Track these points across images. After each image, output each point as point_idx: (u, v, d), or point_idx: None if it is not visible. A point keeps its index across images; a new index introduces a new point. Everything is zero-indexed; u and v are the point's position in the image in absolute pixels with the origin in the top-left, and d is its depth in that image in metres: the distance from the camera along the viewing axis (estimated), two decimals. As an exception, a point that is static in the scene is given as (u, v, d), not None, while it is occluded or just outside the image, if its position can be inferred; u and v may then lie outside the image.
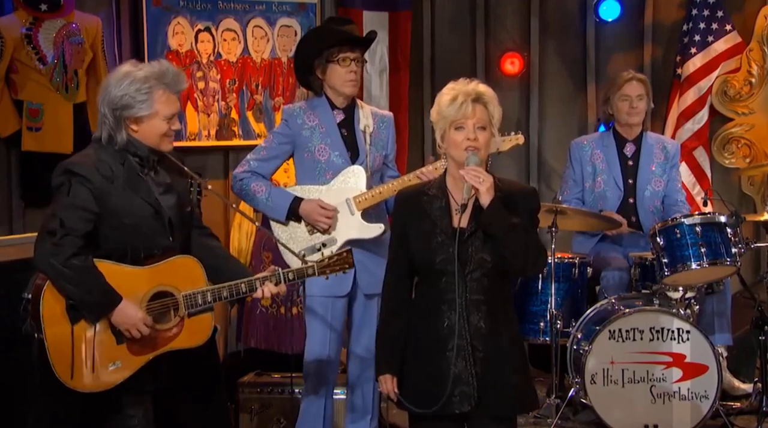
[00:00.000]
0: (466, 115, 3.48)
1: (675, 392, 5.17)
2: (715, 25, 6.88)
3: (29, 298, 3.77)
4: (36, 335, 3.73)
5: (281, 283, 3.97)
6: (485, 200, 3.44)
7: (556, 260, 5.47)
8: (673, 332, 5.17)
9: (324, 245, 4.61)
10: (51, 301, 3.70)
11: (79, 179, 3.72)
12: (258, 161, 4.74)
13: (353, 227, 4.66)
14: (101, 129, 3.82)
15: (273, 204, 4.68)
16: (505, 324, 3.56)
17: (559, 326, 5.44)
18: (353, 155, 4.72)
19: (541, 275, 5.47)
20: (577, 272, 5.63)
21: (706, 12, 6.87)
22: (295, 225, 4.69)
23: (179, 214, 3.92)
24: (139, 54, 5.77)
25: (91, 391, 3.75)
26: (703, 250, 5.20)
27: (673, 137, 6.78)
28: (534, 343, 5.61)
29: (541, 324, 5.54)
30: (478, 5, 7.17)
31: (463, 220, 3.50)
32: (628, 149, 5.90)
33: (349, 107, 4.76)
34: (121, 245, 3.79)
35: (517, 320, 3.72)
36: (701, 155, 6.95)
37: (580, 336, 5.35)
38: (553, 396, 5.45)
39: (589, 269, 5.71)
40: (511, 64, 7.15)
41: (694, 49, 6.88)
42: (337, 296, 4.67)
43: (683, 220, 5.29)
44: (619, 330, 5.17)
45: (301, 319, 5.01)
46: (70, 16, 5.50)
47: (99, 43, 5.61)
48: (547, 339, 5.51)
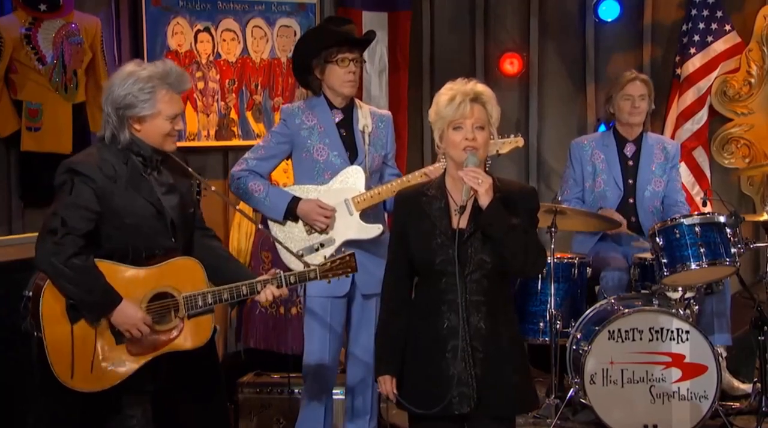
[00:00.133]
0: (465, 115, 3.47)
1: (674, 392, 5.16)
2: (714, 26, 6.88)
3: (29, 296, 3.77)
4: (35, 333, 3.73)
5: (283, 286, 3.98)
6: (484, 201, 3.43)
7: (556, 260, 5.46)
8: (672, 332, 5.17)
9: (322, 246, 4.61)
10: (51, 300, 3.70)
11: (81, 178, 3.72)
12: (256, 160, 4.72)
13: (352, 227, 4.64)
14: (105, 128, 3.82)
15: (271, 204, 4.65)
16: (505, 325, 3.55)
17: (558, 326, 5.44)
18: (352, 155, 4.70)
19: (540, 275, 5.45)
20: (576, 272, 5.63)
21: (706, 12, 6.87)
22: (292, 225, 4.67)
23: (182, 214, 3.92)
24: (139, 54, 5.78)
25: (90, 391, 3.75)
26: (702, 250, 5.20)
27: (673, 137, 6.78)
28: (533, 343, 5.61)
29: (541, 324, 5.54)
30: (478, 5, 7.17)
31: (462, 221, 3.49)
32: (629, 149, 5.90)
33: (347, 107, 4.75)
34: (123, 245, 3.79)
35: (517, 320, 3.71)
36: (700, 155, 6.95)
37: (579, 336, 5.35)
38: (553, 397, 5.46)
39: (589, 270, 5.70)
40: (511, 65, 7.15)
41: (693, 50, 6.88)
42: (336, 296, 4.65)
43: (682, 220, 5.28)
44: (619, 330, 5.16)
45: (301, 319, 5.01)
46: (70, 16, 5.50)
47: (98, 44, 5.62)
48: (547, 339, 5.50)
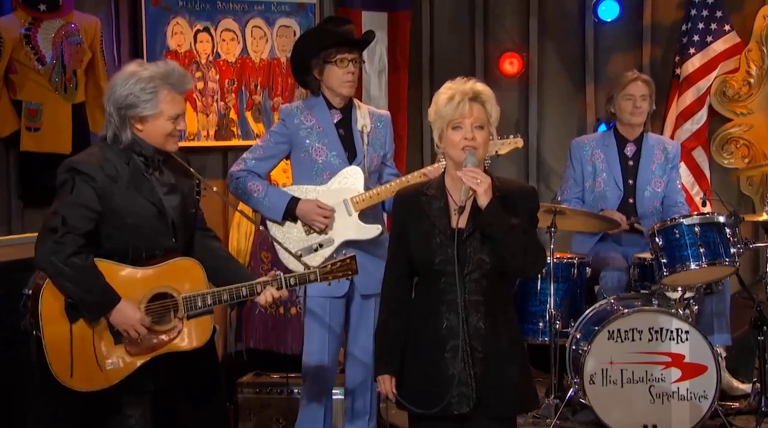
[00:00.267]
0: (464, 114, 3.46)
1: (674, 392, 5.16)
2: (713, 26, 6.87)
3: (29, 294, 3.77)
4: (34, 332, 3.73)
5: (282, 288, 3.98)
6: (483, 202, 3.43)
7: (555, 260, 5.46)
8: (672, 332, 5.16)
9: (321, 246, 4.61)
10: (50, 299, 3.70)
11: (83, 177, 3.72)
12: (254, 160, 4.71)
13: (351, 228, 4.64)
14: (107, 128, 3.83)
15: (270, 204, 4.64)
16: (505, 324, 3.55)
17: (558, 326, 5.44)
18: (350, 155, 4.70)
19: (540, 275, 5.45)
20: (576, 272, 5.63)
21: (705, 12, 6.87)
22: (291, 225, 4.66)
23: (183, 215, 3.92)
24: (138, 54, 5.78)
25: (89, 390, 3.75)
26: (701, 250, 5.20)
27: (672, 137, 6.78)
28: (533, 343, 5.60)
29: (540, 324, 5.53)
30: (477, 5, 7.17)
31: (461, 221, 3.49)
32: (629, 149, 5.90)
33: (346, 107, 4.74)
34: (123, 245, 3.79)
35: (517, 320, 3.71)
36: (700, 156, 6.94)
37: (579, 336, 5.35)
38: (552, 397, 5.46)
39: (588, 270, 5.70)
40: (510, 65, 7.15)
41: (692, 50, 6.88)
42: (334, 296, 4.65)
43: (682, 220, 5.28)
44: (618, 330, 5.16)
45: (300, 319, 5.00)
46: (69, 16, 5.50)
47: (98, 44, 5.62)
48: (546, 339, 5.50)
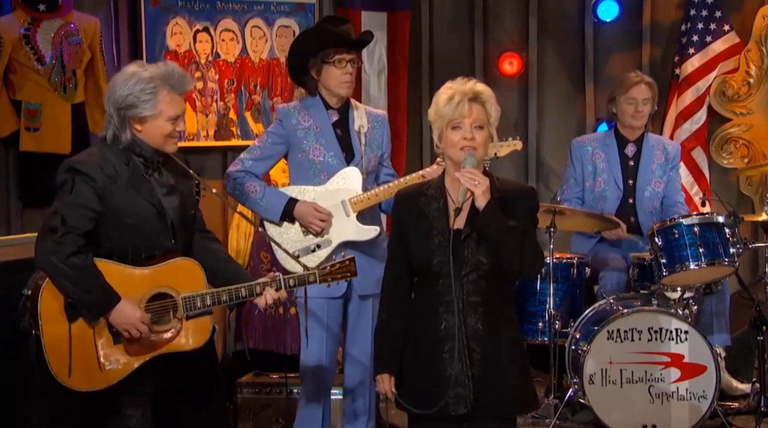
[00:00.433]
0: (463, 114, 3.45)
1: (673, 392, 5.16)
2: (713, 26, 6.88)
3: (28, 294, 3.77)
4: (33, 332, 3.73)
5: (281, 289, 3.98)
6: (481, 203, 3.42)
7: (555, 260, 5.47)
8: (671, 332, 5.17)
9: (318, 247, 4.60)
10: (49, 299, 3.71)
11: (82, 177, 3.73)
12: (252, 160, 4.70)
13: (349, 229, 4.63)
14: (107, 128, 3.83)
15: (267, 204, 4.63)
16: (504, 325, 3.54)
17: (557, 326, 5.44)
18: (348, 155, 4.68)
19: (539, 275, 5.45)
20: (575, 272, 5.63)
21: (705, 12, 6.87)
22: (289, 226, 4.65)
23: (182, 216, 3.92)
24: (138, 54, 5.77)
25: (88, 390, 3.75)
26: (701, 250, 5.20)
27: (672, 137, 6.78)
28: (532, 343, 5.59)
29: (540, 324, 5.53)
30: (477, 5, 7.17)
31: (459, 221, 3.48)
32: (629, 149, 5.90)
33: (343, 107, 4.73)
34: (123, 245, 3.79)
35: (517, 320, 3.70)
36: (699, 156, 6.95)
37: (578, 337, 5.35)
38: (552, 397, 5.46)
39: (588, 270, 5.70)
40: (510, 65, 7.15)
41: (692, 50, 6.88)
42: (332, 297, 4.64)
43: (681, 220, 5.28)
44: (618, 331, 5.16)
45: (299, 319, 5.00)
46: (69, 16, 5.49)
47: (97, 44, 5.62)
48: (546, 339, 5.50)
